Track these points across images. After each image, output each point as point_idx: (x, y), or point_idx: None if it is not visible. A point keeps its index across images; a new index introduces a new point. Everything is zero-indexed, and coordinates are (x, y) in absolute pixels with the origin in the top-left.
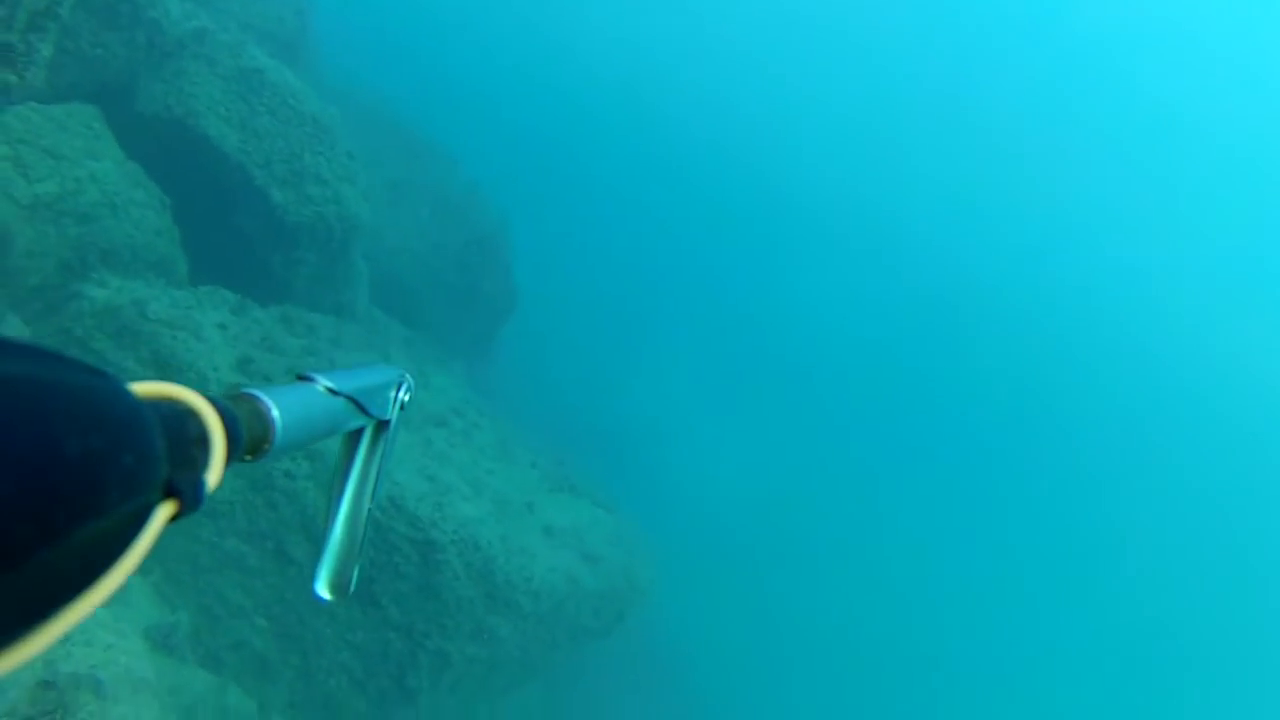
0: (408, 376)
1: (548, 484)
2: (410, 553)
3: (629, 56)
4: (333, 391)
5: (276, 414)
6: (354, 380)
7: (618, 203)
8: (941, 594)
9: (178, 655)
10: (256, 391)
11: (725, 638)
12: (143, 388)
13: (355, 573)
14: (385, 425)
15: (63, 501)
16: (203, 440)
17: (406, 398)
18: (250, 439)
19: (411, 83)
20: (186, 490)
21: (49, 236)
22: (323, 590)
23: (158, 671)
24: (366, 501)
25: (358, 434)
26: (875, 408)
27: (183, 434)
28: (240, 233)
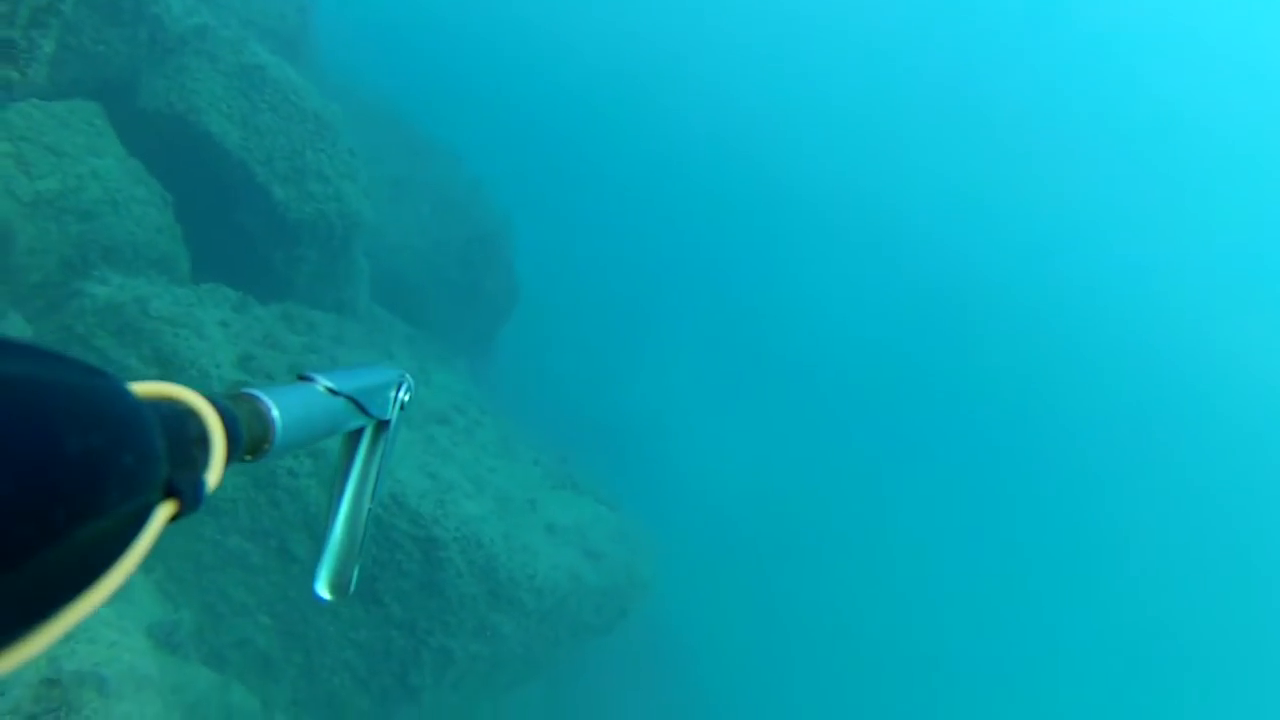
0: (407, 376)
1: (550, 481)
2: (413, 550)
3: (631, 53)
4: (333, 391)
5: (276, 414)
6: (354, 380)
7: (620, 199)
8: (943, 591)
9: (181, 653)
10: (256, 391)
11: (727, 634)
12: (142, 387)
13: (355, 573)
14: (385, 425)
15: (63, 501)
16: (203, 440)
17: (406, 398)
18: (250, 439)
19: (413, 79)
20: (186, 490)
21: (51, 234)
22: (323, 590)
23: (161, 669)
24: (367, 501)
25: (358, 434)
26: (878, 404)
27: (183, 434)
28: (242, 230)
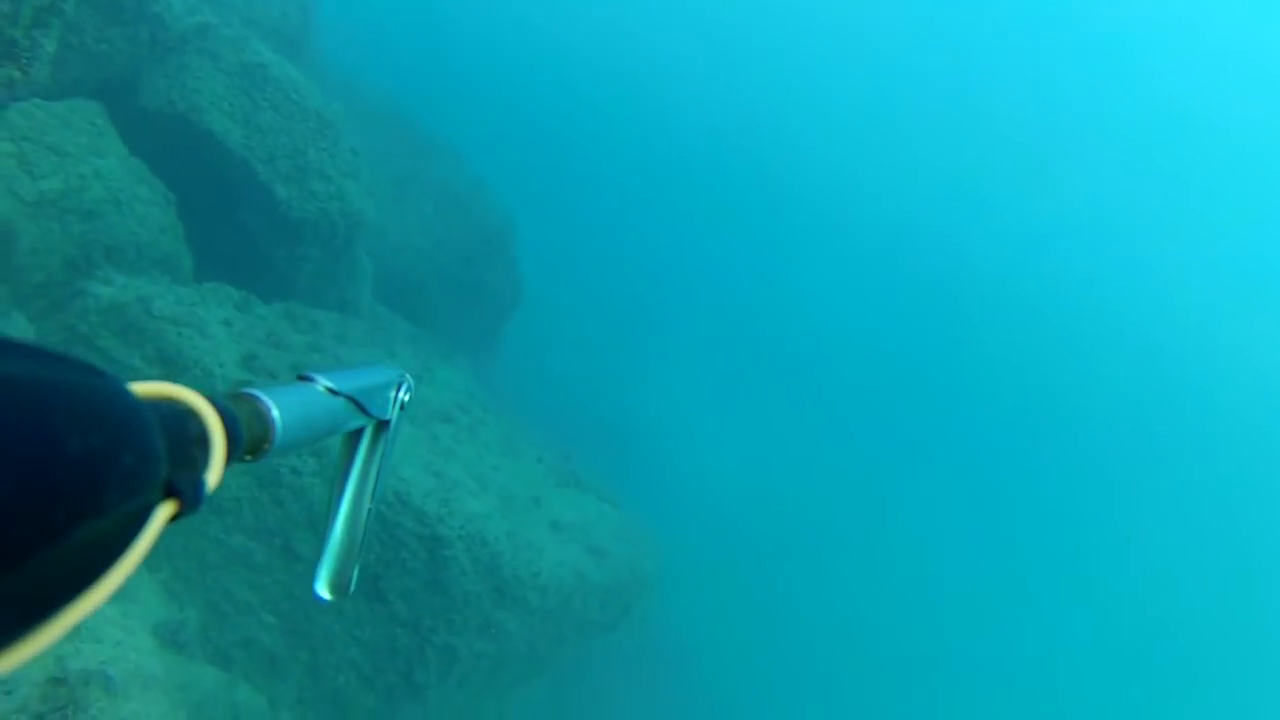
0: (407, 376)
1: (554, 479)
2: (417, 548)
3: (634, 51)
4: (333, 391)
5: (276, 414)
6: (354, 380)
7: (622, 197)
8: (944, 589)
9: (186, 652)
10: (256, 391)
11: (730, 632)
12: (143, 387)
13: (355, 572)
14: (385, 425)
15: (63, 501)
16: (203, 440)
17: (406, 398)
18: (250, 439)
19: (415, 78)
20: (186, 490)
21: (53, 233)
22: (323, 590)
23: (167, 668)
24: (367, 501)
25: (358, 434)
26: (880, 402)
27: (183, 434)
28: (244, 229)
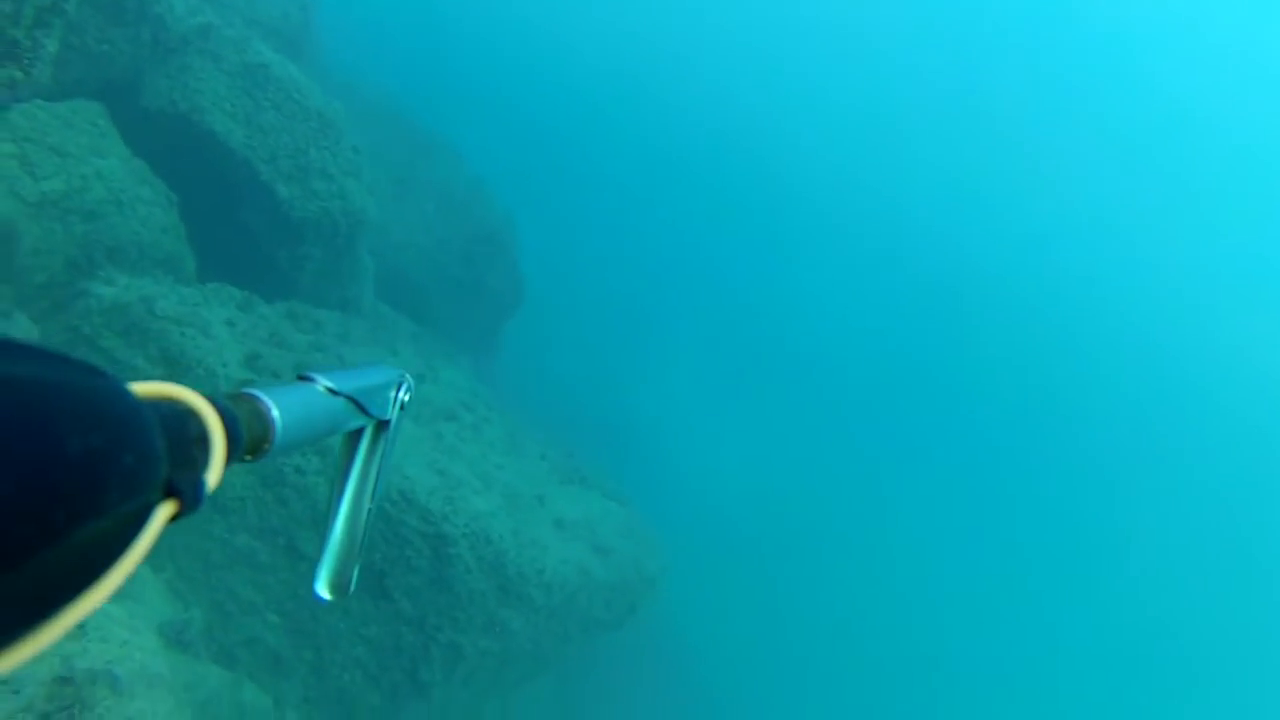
0: (407, 376)
1: (558, 476)
2: (422, 546)
3: (634, 51)
4: (333, 391)
5: (276, 414)
6: (354, 380)
7: (623, 196)
8: (945, 589)
9: (192, 652)
10: (256, 392)
11: (732, 630)
12: (143, 388)
13: (355, 572)
14: (385, 425)
15: (63, 501)
16: (203, 440)
17: (406, 398)
18: (250, 439)
19: (416, 77)
20: (186, 490)
21: (56, 234)
22: (322, 590)
23: (172, 668)
24: (367, 501)
25: (358, 434)
26: (881, 401)
27: (183, 434)
28: (246, 228)
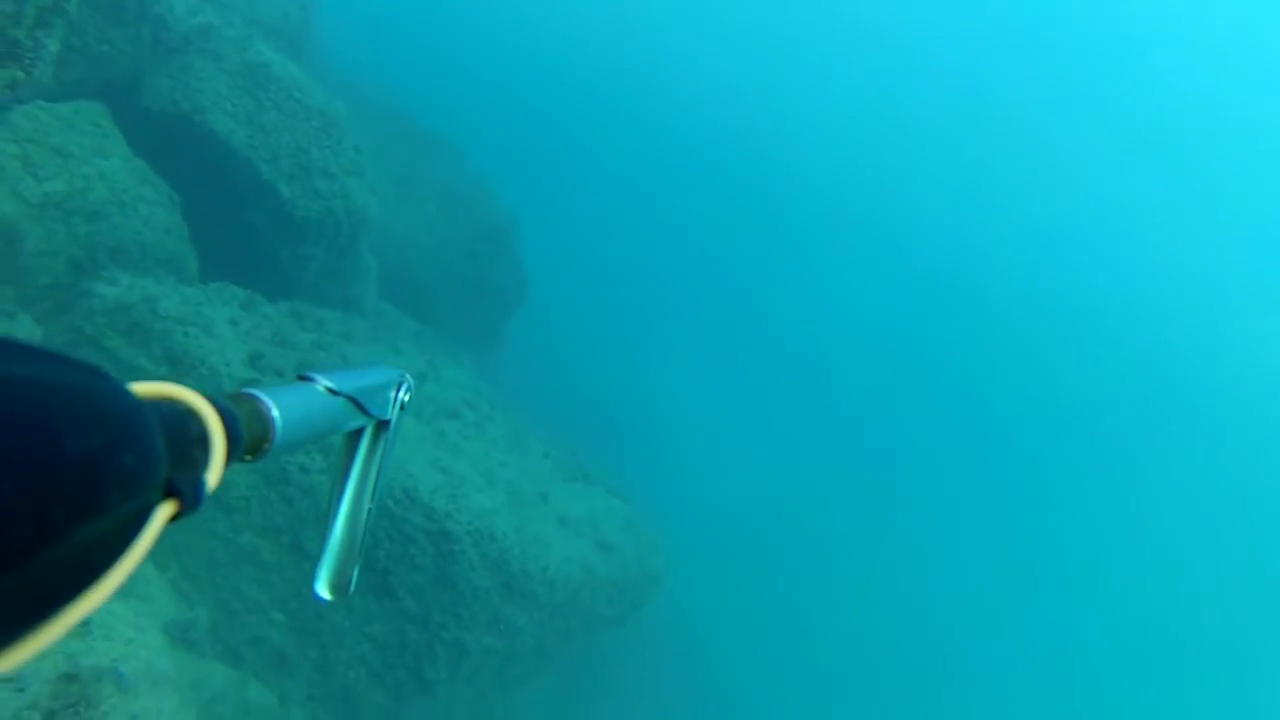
0: (408, 376)
1: (561, 474)
2: (426, 544)
3: (636, 47)
4: (333, 391)
5: (276, 414)
6: (354, 380)
7: (626, 192)
8: (952, 586)
9: (197, 650)
10: (256, 392)
11: (736, 627)
12: (143, 388)
13: (355, 573)
14: (385, 425)
15: (63, 501)
16: (203, 440)
17: (406, 398)
18: (250, 439)
19: (417, 76)
20: (186, 490)
21: (58, 235)
22: (322, 590)
23: (177, 666)
24: (367, 501)
25: (358, 434)
26: (886, 398)
27: (183, 434)
28: (248, 228)
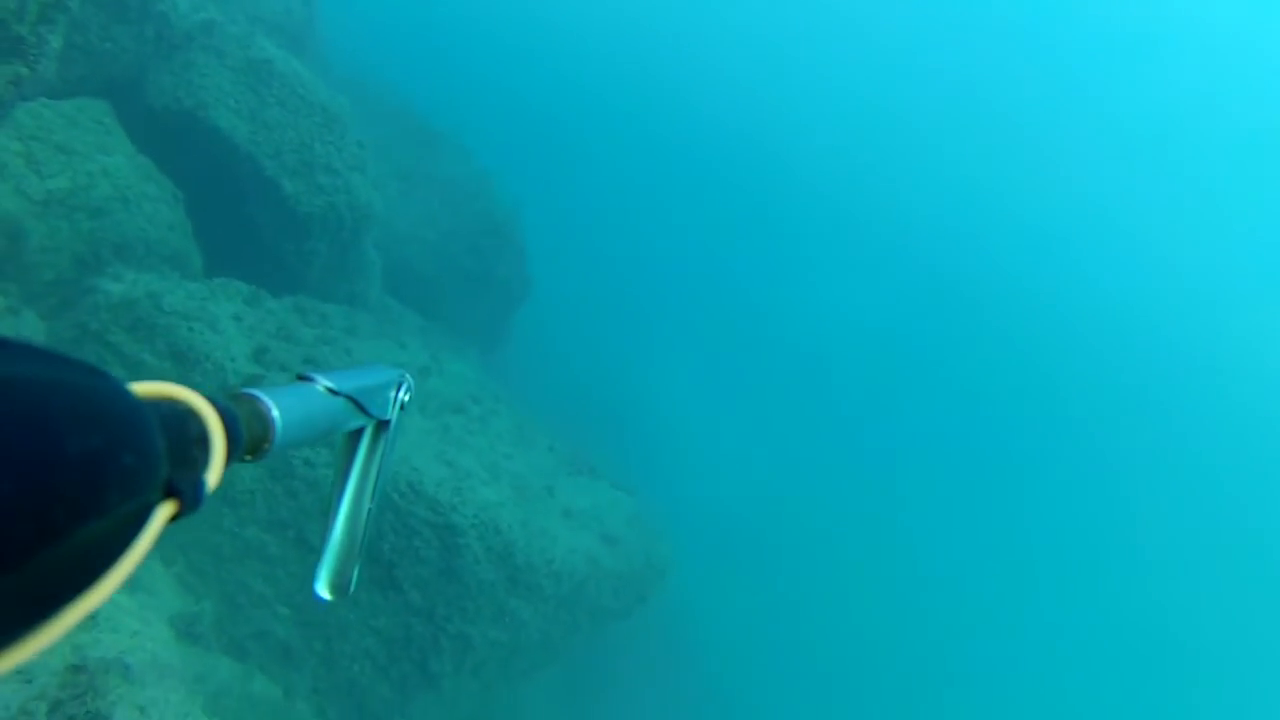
0: (408, 376)
1: (566, 467)
2: (431, 537)
3: (641, 43)
4: (333, 391)
5: (276, 414)
6: (354, 380)
7: (630, 187)
8: (956, 582)
9: (203, 644)
10: (257, 392)
11: (741, 621)
12: (143, 388)
13: (355, 572)
14: (385, 425)
15: (63, 501)
16: (203, 440)
17: (406, 398)
18: (250, 439)
19: (420, 71)
20: (186, 490)
21: (62, 232)
22: (322, 590)
23: (183, 659)
24: (367, 501)
25: (358, 434)
26: (889, 394)
27: (183, 434)
28: (252, 224)
